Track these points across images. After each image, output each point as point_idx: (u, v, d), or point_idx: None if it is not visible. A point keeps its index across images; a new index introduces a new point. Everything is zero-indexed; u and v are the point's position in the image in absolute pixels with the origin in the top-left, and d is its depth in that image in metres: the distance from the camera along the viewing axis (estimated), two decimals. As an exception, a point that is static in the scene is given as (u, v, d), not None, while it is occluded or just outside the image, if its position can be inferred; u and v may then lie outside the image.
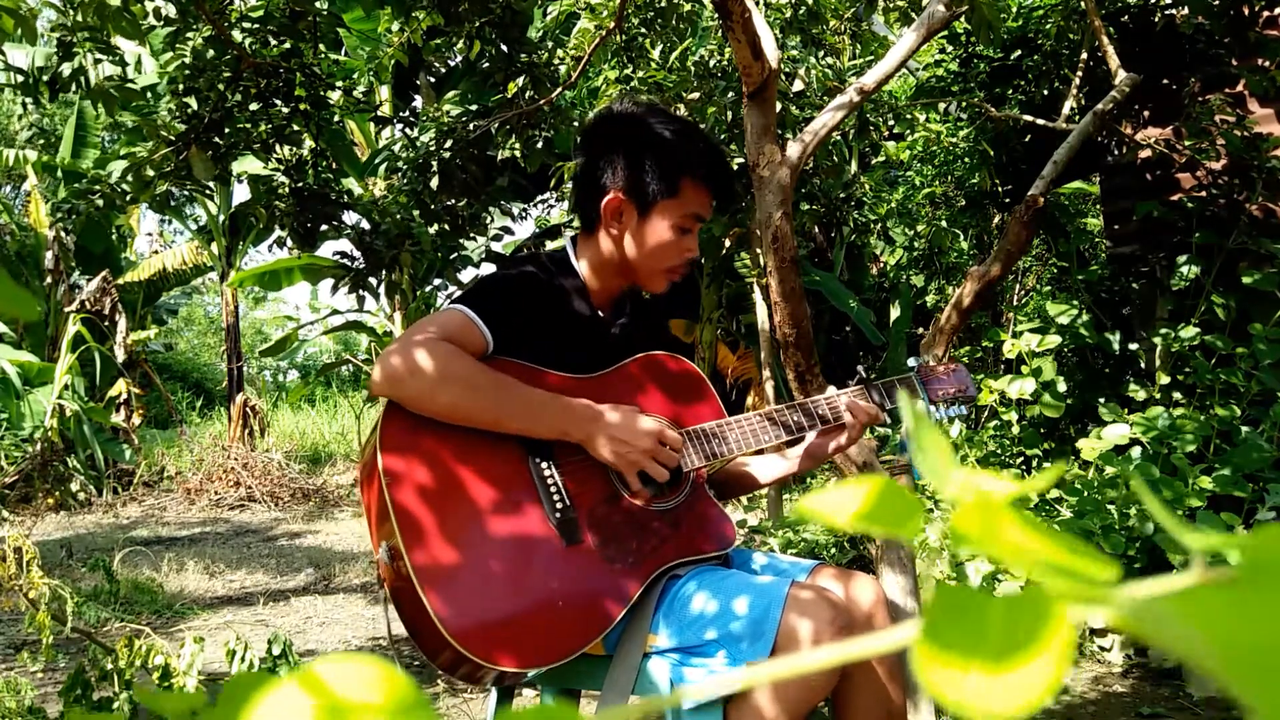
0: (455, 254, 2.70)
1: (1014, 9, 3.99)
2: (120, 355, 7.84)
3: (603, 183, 1.43)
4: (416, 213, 2.73)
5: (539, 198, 8.36)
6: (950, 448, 0.24)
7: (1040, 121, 3.10)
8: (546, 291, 1.43)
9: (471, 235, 2.92)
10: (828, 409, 1.49)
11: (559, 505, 1.29)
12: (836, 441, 1.50)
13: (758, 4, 2.86)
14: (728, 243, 4.67)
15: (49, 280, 8.48)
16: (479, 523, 1.24)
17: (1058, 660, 0.18)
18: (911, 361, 1.60)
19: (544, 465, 1.31)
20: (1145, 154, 3.61)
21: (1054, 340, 3.15)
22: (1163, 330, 3.20)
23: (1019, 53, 3.96)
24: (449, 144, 2.62)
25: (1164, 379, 3.17)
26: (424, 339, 1.26)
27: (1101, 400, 3.19)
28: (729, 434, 1.43)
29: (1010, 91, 4.01)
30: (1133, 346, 3.61)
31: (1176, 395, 3.14)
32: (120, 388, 7.88)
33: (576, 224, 1.54)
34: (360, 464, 1.34)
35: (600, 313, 1.50)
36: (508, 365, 1.34)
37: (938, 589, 0.20)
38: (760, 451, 1.50)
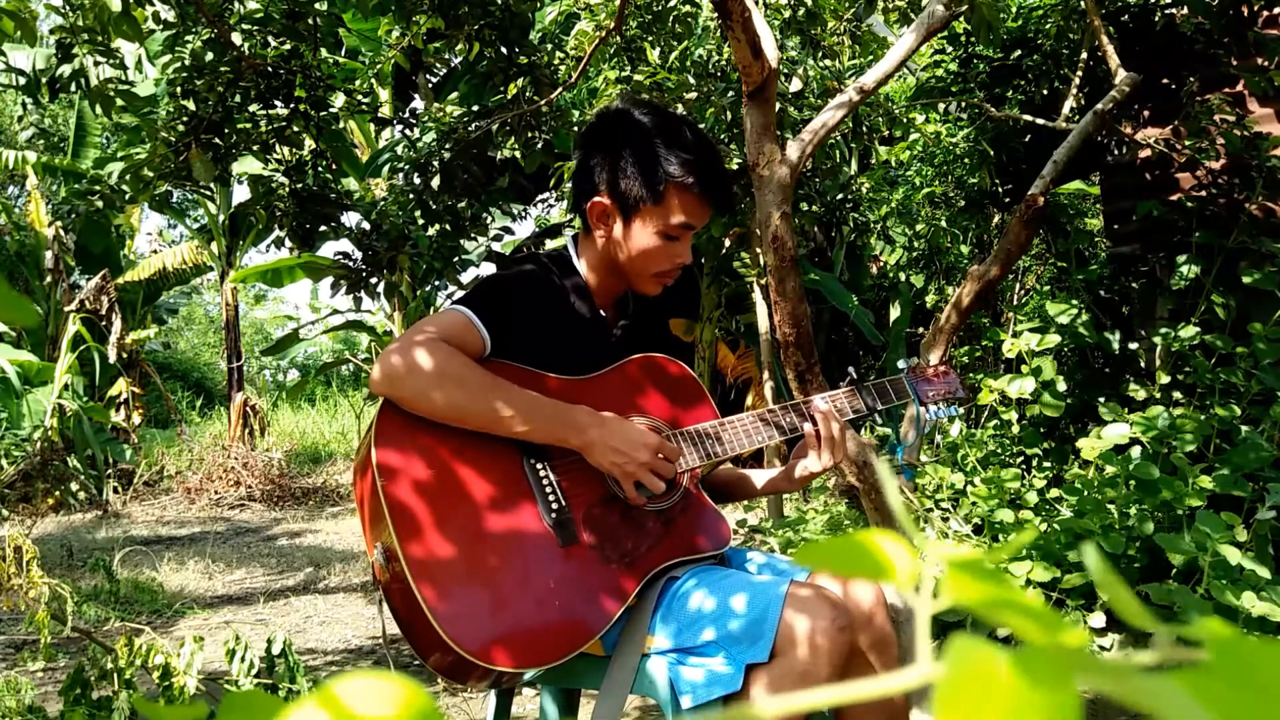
0: (456, 257, 2.70)
1: (1014, 9, 3.99)
2: (113, 355, 7.83)
3: (591, 184, 1.43)
4: (418, 214, 2.74)
5: (539, 198, 8.37)
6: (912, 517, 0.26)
7: (1040, 121, 3.10)
8: (547, 292, 1.43)
9: (473, 236, 2.92)
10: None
11: (554, 505, 1.29)
12: (807, 466, 1.46)
13: (757, 4, 2.86)
14: (728, 243, 4.67)
15: (49, 280, 8.48)
16: (474, 522, 1.24)
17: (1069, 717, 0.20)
18: (901, 364, 1.60)
19: (539, 465, 1.31)
20: (1145, 154, 3.61)
21: (1054, 340, 3.14)
22: (1163, 330, 3.20)
23: (1019, 53, 3.96)
24: (449, 144, 2.62)
25: (1164, 378, 3.17)
26: (423, 339, 1.27)
27: (1101, 400, 3.19)
28: (724, 434, 1.43)
29: (1010, 92, 4.01)
30: (1133, 346, 3.61)
31: (1176, 395, 3.14)
32: (120, 387, 7.88)
33: (577, 223, 1.54)
34: (355, 461, 1.34)
35: (602, 312, 1.50)
36: (505, 368, 1.34)
37: (953, 643, 0.21)
38: (760, 455, 1.50)
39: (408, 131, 3.06)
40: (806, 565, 0.25)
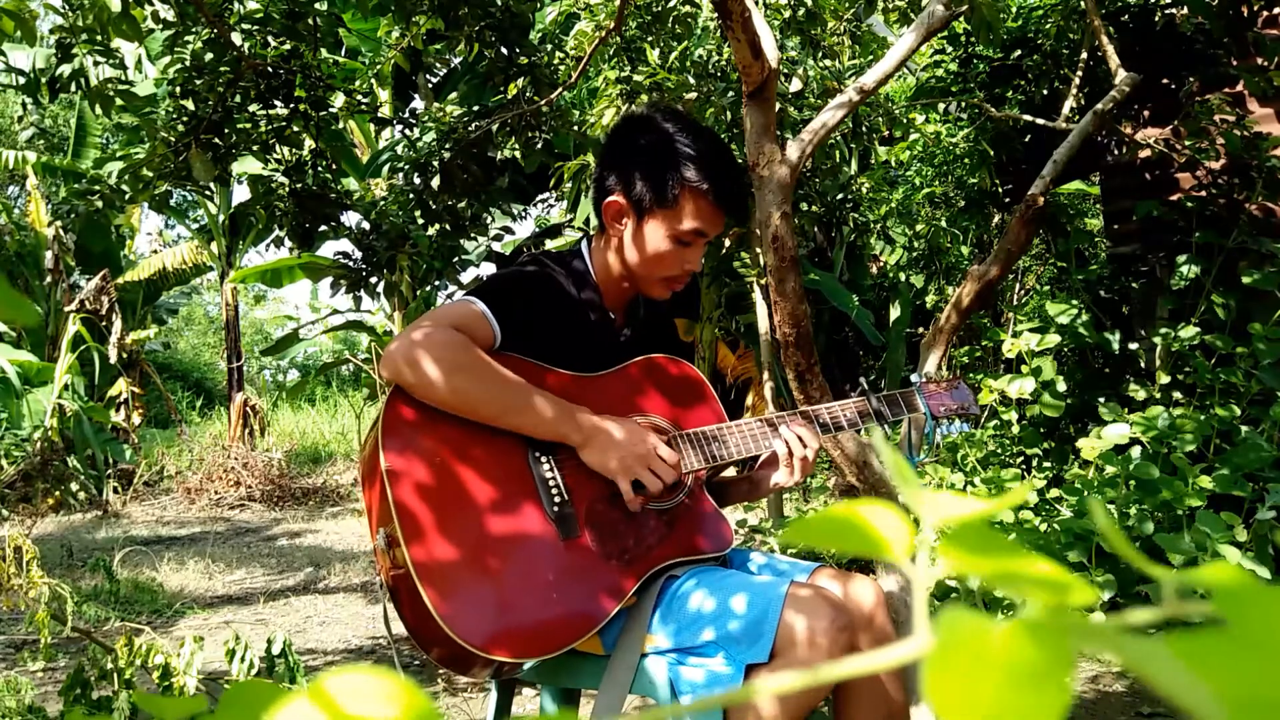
0: (456, 257, 2.70)
1: (1014, 9, 3.99)
2: (114, 355, 7.83)
3: (607, 184, 1.44)
4: (418, 214, 2.73)
5: (539, 198, 8.36)
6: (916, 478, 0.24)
7: (1040, 121, 3.09)
8: (557, 291, 1.44)
9: (473, 236, 2.92)
10: (829, 417, 1.49)
11: (557, 499, 1.29)
12: (776, 480, 1.43)
13: (757, 4, 2.86)
14: (728, 242, 4.67)
15: (49, 280, 8.48)
16: (477, 516, 1.25)
17: (1062, 691, 0.19)
18: (914, 376, 1.59)
19: (544, 460, 1.32)
20: (1145, 154, 3.60)
21: (1054, 340, 3.14)
22: (1163, 330, 3.20)
23: (1019, 53, 3.95)
24: (449, 145, 2.62)
25: (1164, 378, 3.17)
26: (434, 327, 1.28)
27: (1101, 400, 3.19)
28: (729, 437, 1.43)
29: (1010, 92, 4.01)
30: (1133, 346, 3.61)
31: (1176, 395, 3.14)
32: (120, 387, 7.87)
33: (579, 223, 1.54)
34: (361, 459, 1.35)
35: (611, 314, 1.51)
36: (511, 361, 1.35)
37: (943, 615, 0.20)
38: (757, 458, 1.50)
39: (408, 131, 3.06)
40: (795, 543, 0.25)
